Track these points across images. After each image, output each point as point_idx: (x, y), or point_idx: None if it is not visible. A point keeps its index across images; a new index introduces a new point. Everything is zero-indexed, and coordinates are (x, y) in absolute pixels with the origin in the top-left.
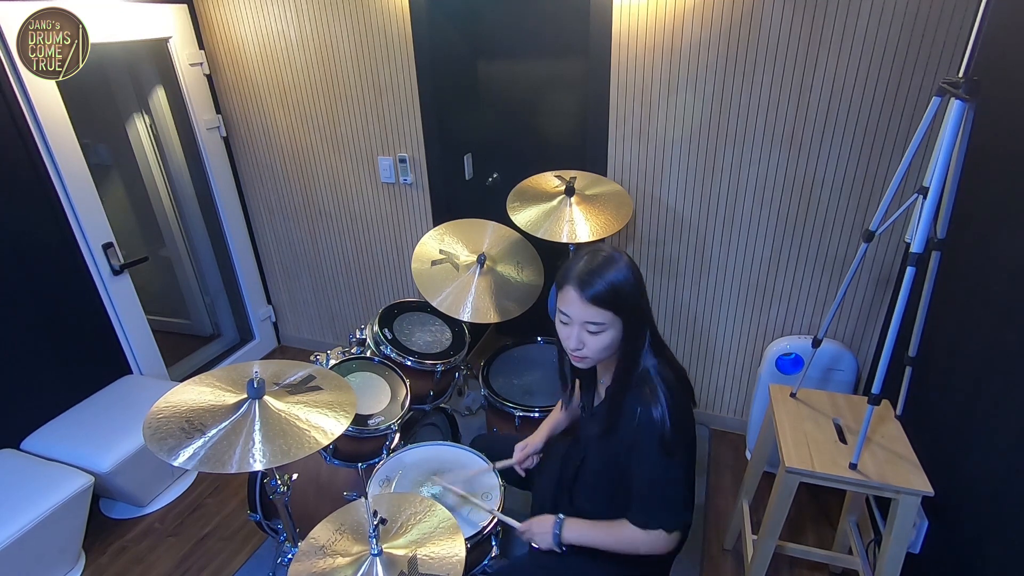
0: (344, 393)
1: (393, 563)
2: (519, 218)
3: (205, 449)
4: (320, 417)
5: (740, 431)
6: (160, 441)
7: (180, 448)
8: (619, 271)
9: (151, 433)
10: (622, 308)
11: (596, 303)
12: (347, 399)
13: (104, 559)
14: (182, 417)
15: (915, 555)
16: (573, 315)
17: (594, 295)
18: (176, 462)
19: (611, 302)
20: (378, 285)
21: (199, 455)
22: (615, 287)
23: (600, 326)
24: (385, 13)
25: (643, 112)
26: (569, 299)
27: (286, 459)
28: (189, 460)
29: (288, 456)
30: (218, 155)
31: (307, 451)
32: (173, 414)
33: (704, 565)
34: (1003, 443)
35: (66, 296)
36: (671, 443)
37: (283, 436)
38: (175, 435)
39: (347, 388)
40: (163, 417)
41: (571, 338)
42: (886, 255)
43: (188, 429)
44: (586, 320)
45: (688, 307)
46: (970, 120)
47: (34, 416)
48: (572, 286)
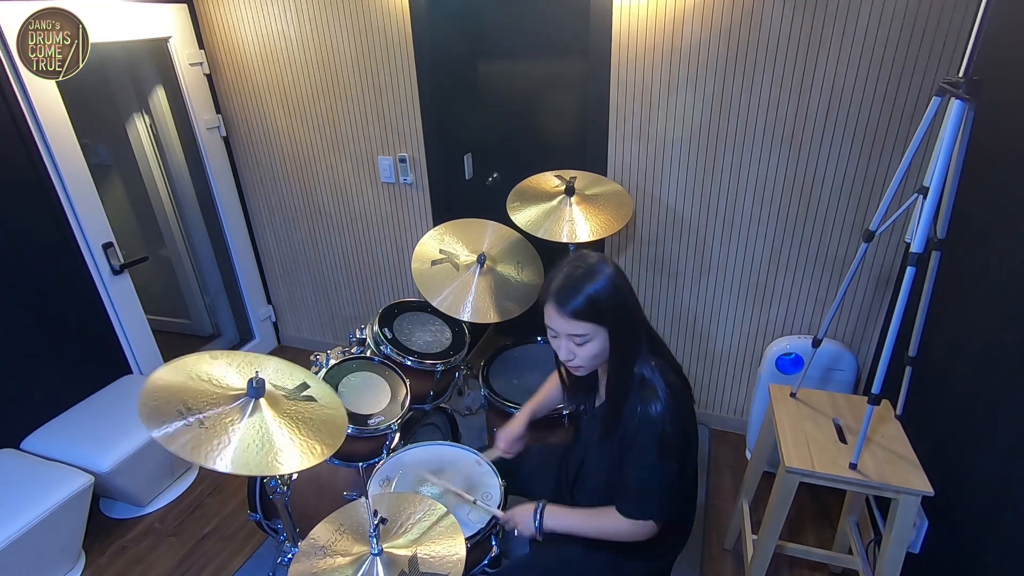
0: (335, 413)
1: (393, 562)
2: (519, 218)
3: (192, 436)
4: (301, 442)
5: (740, 431)
6: (154, 418)
7: (168, 424)
8: (597, 282)
9: (147, 413)
10: (603, 318)
11: (575, 316)
12: (335, 428)
13: (104, 559)
14: (179, 400)
15: (915, 555)
16: (557, 329)
17: (572, 309)
18: (157, 435)
19: (590, 314)
20: (378, 285)
21: (185, 441)
22: (592, 299)
23: (584, 337)
24: (385, 13)
25: (643, 112)
26: (551, 314)
27: (249, 472)
28: (173, 442)
29: (253, 470)
30: (218, 155)
31: (268, 471)
32: (172, 396)
33: (704, 565)
34: (1003, 443)
35: (66, 296)
36: (670, 439)
37: (261, 447)
38: (170, 415)
39: (339, 410)
40: (160, 396)
41: (561, 350)
42: (886, 255)
43: (183, 412)
44: (569, 333)
45: (688, 307)
46: (970, 120)
47: (34, 416)
48: (551, 301)
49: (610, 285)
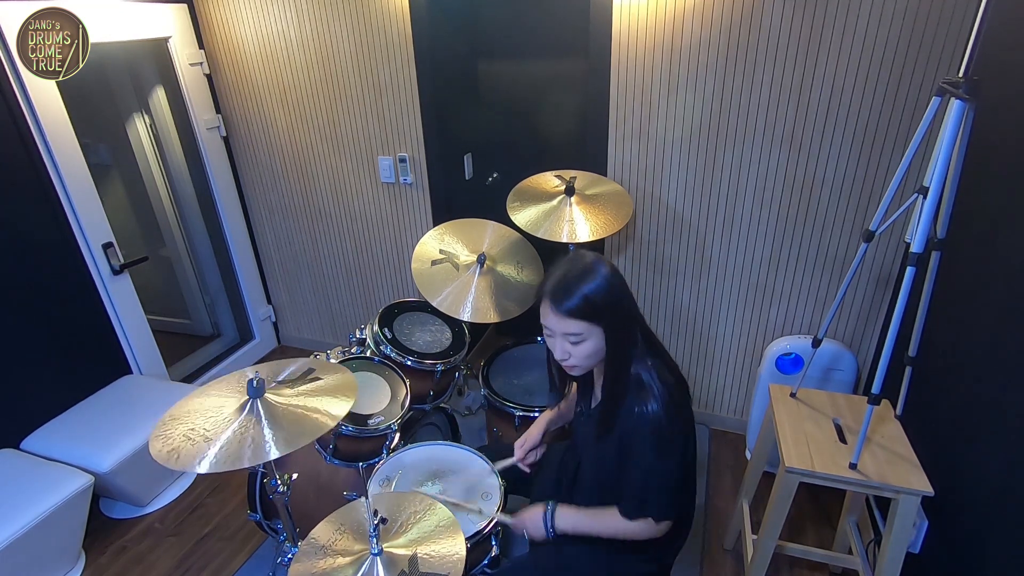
0: (342, 377)
1: (393, 562)
2: (519, 218)
3: (221, 452)
4: (323, 401)
5: (740, 431)
6: (177, 460)
7: (199, 458)
8: (592, 281)
9: (166, 456)
10: (598, 317)
11: (570, 315)
12: (346, 382)
13: (104, 559)
14: (186, 435)
15: (915, 555)
16: (553, 328)
17: (567, 308)
18: (200, 470)
19: (585, 313)
20: (378, 285)
21: (219, 459)
22: (588, 298)
23: (579, 336)
24: (385, 13)
25: (643, 112)
26: (546, 312)
27: (298, 444)
28: (211, 465)
29: (300, 440)
30: (218, 155)
31: (318, 432)
32: (183, 436)
33: (704, 565)
34: (1003, 443)
35: (66, 296)
36: (667, 439)
37: (294, 423)
38: (188, 449)
39: (344, 372)
40: (171, 434)
41: (556, 349)
42: (886, 255)
43: (199, 441)
44: (564, 332)
45: (688, 307)
46: (970, 120)
47: (34, 416)
48: (546, 300)
49: (606, 284)
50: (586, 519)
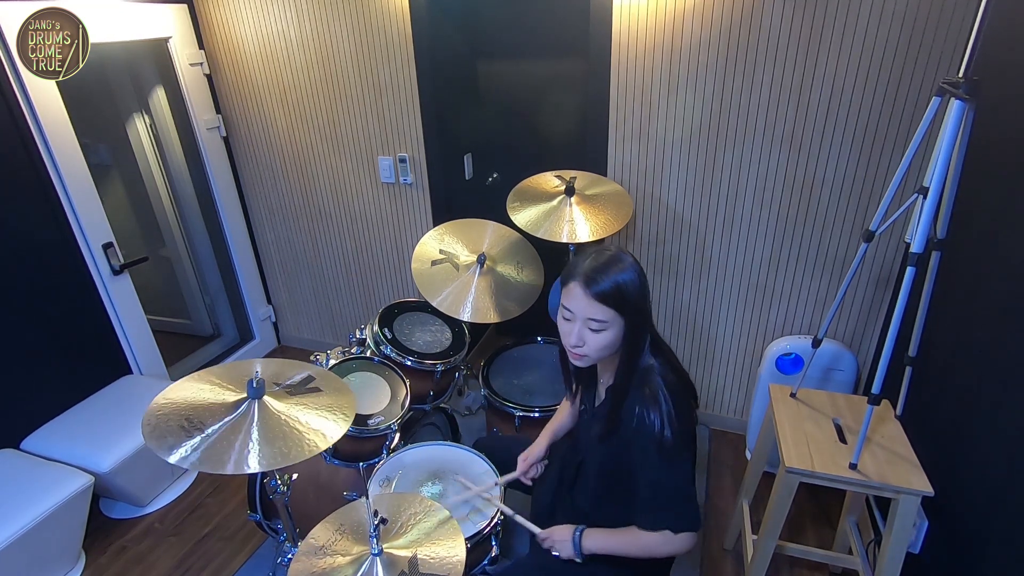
0: (343, 395)
1: (393, 563)
2: (519, 218)
3: (203, 448)
4: (319, 420)
5: (740, 431)
6: (159, 439)
7: (178, 445)
8: (625, 271)
9: (150, 430)
10: (625, 307)
11: (600, 300)
12: (346, 401)
13: (104, 559)
14: (182, 415)
15: (915, 555)
16: (576, 311)
17: (599, 292)
18: (172, 459)
19: (615, 300)
20: (378, 285)
21: (196, 455)
22: (620, 286)
23: (602, 324)
24: (385, 13)
25: (643, 112)
26: (574, 295)
27: (285, 462)
28: (186, 458)
29: (287, 459)
30: (218, 155)
31: (306, 455)
32: (173, 411)
33: (704, 565)
34: (1003, 443)
35: (66, 296)
36: (671, 446)
37: (282, 439)
38: (174, 432)
39: (346, 390)
40: (162, 414)
41: (572, 334)
42: (886, 255)
43: (188, 428)
44: (589, 317)
45: (688, 307)
46: (970, 120)
47: (34, 416)
48: (578, 282)
49: (637, 279)
50: (614, 540)
